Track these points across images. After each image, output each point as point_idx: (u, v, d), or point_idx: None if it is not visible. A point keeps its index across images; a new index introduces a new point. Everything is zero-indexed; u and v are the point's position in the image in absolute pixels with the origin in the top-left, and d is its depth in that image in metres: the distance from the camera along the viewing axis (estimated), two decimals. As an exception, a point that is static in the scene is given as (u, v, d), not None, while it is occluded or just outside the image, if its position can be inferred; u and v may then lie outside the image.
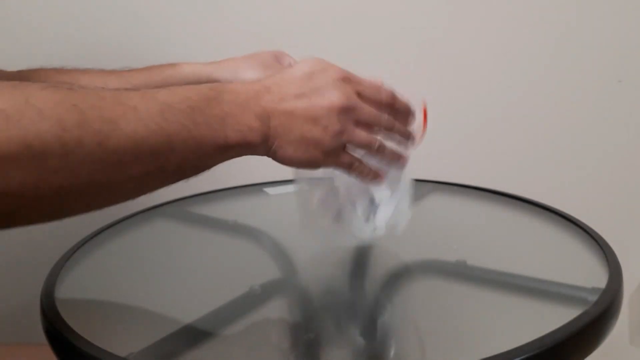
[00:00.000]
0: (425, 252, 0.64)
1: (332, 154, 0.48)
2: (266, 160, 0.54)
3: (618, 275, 0.50)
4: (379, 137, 0.51)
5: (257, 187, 0.86)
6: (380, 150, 0.51)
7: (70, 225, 0.81)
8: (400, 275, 0.61)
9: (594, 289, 0.48)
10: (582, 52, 1.00)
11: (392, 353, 0.47)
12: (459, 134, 1.03)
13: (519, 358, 0.38)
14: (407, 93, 0.56)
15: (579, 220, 0.64)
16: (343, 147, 0.49)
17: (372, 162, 0.53)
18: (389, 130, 0.51)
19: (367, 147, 0.50)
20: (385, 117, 0.50)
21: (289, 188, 0.83)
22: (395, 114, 0.52)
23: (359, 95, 0.48)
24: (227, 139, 0.43)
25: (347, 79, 0.48)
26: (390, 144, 0.53)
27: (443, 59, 1.01)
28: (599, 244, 0.58)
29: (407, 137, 0.54)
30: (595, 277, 0.51)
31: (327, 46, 0.98)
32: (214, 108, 0.42)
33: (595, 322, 0.43)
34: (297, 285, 0.60)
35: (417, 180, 0.81)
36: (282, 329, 0.50)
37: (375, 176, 0.53)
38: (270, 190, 0.85)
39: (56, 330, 0.46)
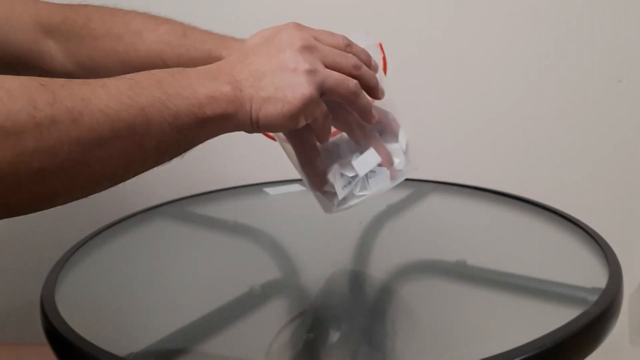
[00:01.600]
0: (425, 252, 0.64)
1: (314, 99, 0.45)
2: (266, 160, 0.54)
3: (618, 275, 0.50)
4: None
5: (257, 187, 0.86)
6: (358, 90, 0.48)
7: (70, 225, 0.81)
8: (400, 275, 0.61)
9: (594, 289, 0.48)
10: (582, 52, 1.00)
11: (392, 353, 0.47)
12: (459, 134, 1.03)
13: (519, 358, 0.38)
14: (359, 38, 0.54)
15: (579, 220, 0.64)
16: (320, 96, 0.47)
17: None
18: (358, 67, 0.49)
19: (344, 85, 0.47)
20: (350, 55, 0.49)
21: (289, 188, 0.83)
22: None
23: (316, 39, 0.48)
24: (202, 109, 0.42)
25: (300, 27, 0.48)
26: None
27: (443, 59, 1.01)
28: (599, 244, 0.58)
29: (375, 81, 0.50)
30: (595, 277, 0.51)
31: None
32: (180, 80, 0.42)
33: (595, 322, 0.43)
34: (297, 285, 0.60)
35: (417, 180, 0.82)
36: (282, 329, 0.50)
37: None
38: (270, 190, 0.85)
39: (56, 330, 0.45)
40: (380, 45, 0.57)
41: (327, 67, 0.47)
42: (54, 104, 0.35)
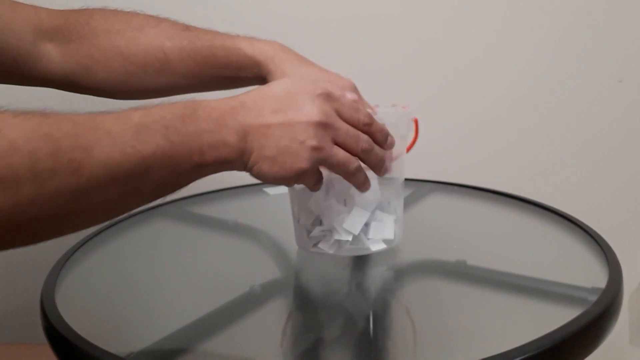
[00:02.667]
0: (425, 252, 0.64)
1: (308, 172, 0.46)
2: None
3: (618, 275, 0.50)
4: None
5: (257, 187, 0.86)
6: (356, 172, 0.49)
7: (70, 225, 0.81)
8: (400, 275, 0.61)
9: (594, 289, 0.48)
10: (582, 52, 1.00)
11: (392, 353, 0.47)
12: (459, 134, 1.03)
13: (519, 358, 0.38)
14: (396, 111, 0.57)
15: (579, 220, 0.64)
16: (317, 166, 0.48)
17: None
18: (366, 151, 0.49)
19: (344, 166, 0.48)
20: (364, 137, 0.49)
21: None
22: (372, 137, 0.50)
23: (338, 113, 0.47)
24: (203, 156, 0.42)
25: (327, 96, 0.47)
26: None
27: (443, 58, 1.01)
28: (599, 244, 0.58)
29: (381, 163, 0.51)
30: (595, 277, 0.51)
31: (325, 45, 0.98)
32: (189, 126, 0.42)
33: (595, 322, 0.43)
34: (297, 285, 0.60)
35: (417, 180, 0.82)
36: (282, 329, 0.50)
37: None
38: (270, 190, 0.85)
39: (56, 330, 0.46)
40: (416, 122, 0.59)
41: (336, 144, 0.47)
42: (55, 156, 0.35)
